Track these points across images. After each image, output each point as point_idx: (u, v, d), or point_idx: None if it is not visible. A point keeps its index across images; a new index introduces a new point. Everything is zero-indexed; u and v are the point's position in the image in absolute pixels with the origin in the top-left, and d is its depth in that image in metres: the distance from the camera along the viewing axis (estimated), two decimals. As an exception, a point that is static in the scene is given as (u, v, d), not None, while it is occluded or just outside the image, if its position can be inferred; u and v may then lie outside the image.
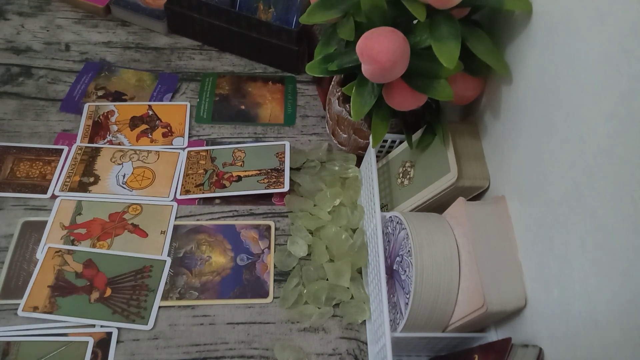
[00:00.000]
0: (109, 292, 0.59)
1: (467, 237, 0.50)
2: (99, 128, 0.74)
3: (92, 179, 0.69)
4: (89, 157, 0.71)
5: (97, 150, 0.72)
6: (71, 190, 0.67)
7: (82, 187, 0.67)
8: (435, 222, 0.53)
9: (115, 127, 0.74)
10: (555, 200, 0.44)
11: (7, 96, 0.76)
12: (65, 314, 0.57)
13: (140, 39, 0.86)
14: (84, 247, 0.62)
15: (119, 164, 0.70)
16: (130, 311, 0.58)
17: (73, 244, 0.62)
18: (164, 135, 0.74)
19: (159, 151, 0.72)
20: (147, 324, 0.57)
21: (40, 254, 0.61)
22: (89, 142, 0.72)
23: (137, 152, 0.72)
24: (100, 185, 0.68)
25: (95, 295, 0.59)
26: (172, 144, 0.74)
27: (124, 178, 0.69)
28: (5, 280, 0.59)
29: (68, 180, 0.68)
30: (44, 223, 0.64)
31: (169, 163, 0.71)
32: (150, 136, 0.74)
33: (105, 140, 0.73)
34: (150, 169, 0.70)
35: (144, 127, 0.75)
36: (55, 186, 0.67)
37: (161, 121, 0.76)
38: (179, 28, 0.87)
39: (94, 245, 0.63)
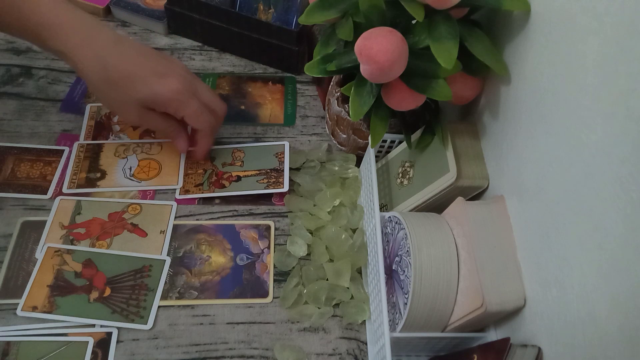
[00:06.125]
0: (108, 291, 0.59)
1: (466, 236, 0.50)
2: (101, 128, 0.74)
3: (98, 175, 0.69)
4: (92, 154, 0.71)
5: (100, 146, 0.72)
6: (79, 186, 0.67)
7: (90, 183, 0.68)
8: (434, 222, 0.53)
9: (117, 127, 0.74)
10: (554, 199, 0.44)
11: (7, 96, 0.76)
12: (65, 314, 0.57)
13: (140, 40, 0.86)
14: (83, 246, 0.62)
15: (124, 158, 0.71)
16: (130, 310, 0.58)
17: (72, 244, 0.62)
18: (166, 135, 0.75)
19: (161, 142, 0.73)
20: (146, 324, 0.57)
21: (39, 254, 0.61)
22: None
23: (140, 144, 0.72)
24: (107, 180, 0.68)
25: (94, 294, 0.59)
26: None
27: (130, 171, 0.69)
28: (4, 280, 0.59)
29: (75, 177, 0.68)
30: (43, 223, 0.64)
31: (173, 152, 0.72)
32: (153, 135, 0.74)
33: (108, 141, 0.73)
34: (155, 160, 0.71)
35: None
36: (56, 186, 0.67)
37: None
38: (179, 28, 0.87)
39: (93, 245, 0.63)
